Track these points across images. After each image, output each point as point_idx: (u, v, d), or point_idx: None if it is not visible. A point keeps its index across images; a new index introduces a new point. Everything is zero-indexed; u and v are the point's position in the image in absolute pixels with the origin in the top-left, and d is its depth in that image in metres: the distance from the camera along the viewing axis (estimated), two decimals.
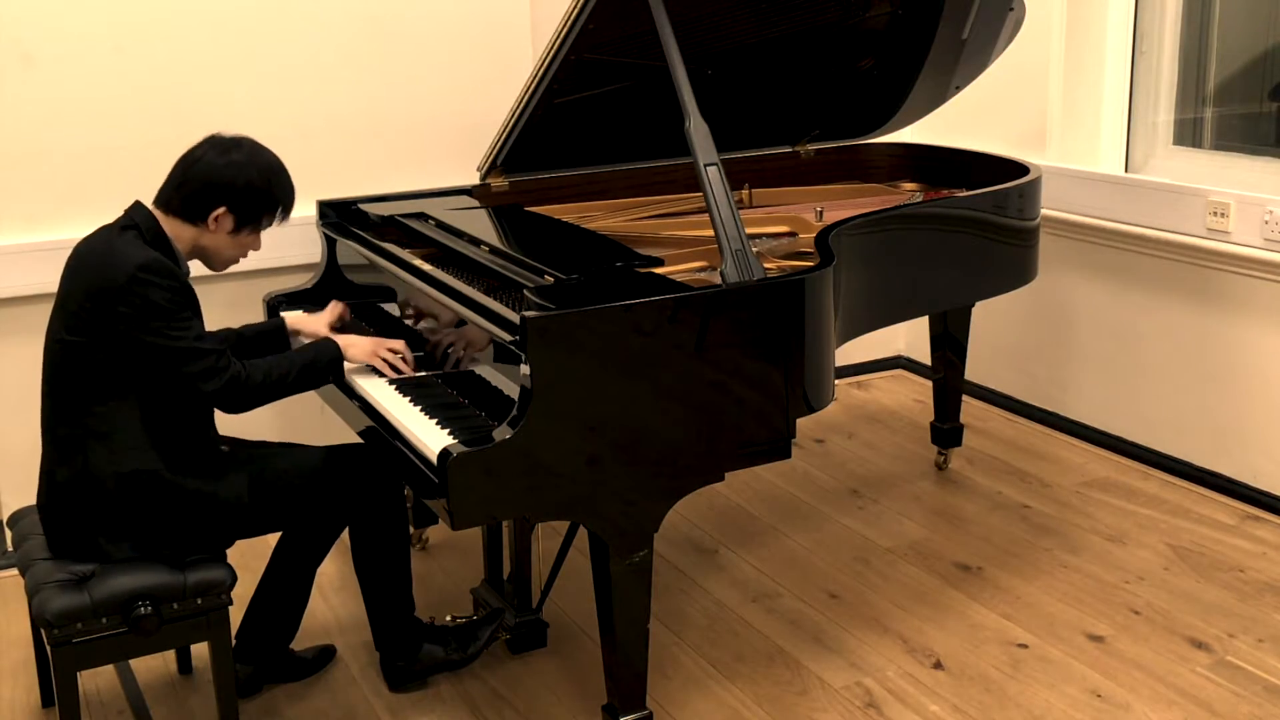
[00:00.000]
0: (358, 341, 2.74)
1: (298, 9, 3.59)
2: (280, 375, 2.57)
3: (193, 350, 2.44)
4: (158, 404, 2.48)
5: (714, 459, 2.54)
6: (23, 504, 2.80)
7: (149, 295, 2.40)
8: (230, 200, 2.54)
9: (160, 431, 2.49)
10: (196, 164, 2.54)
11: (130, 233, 2.49)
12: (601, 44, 3.03)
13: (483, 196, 3.42)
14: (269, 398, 2.56)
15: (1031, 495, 3.83)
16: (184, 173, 2.54)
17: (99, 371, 2.45)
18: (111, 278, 2.40)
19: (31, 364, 3.39)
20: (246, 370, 2.51)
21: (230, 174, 2.53)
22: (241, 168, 2.54)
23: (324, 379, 2.68)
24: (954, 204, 3.33)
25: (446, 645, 2.88)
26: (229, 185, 2.53)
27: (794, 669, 2.94)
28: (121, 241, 2.47)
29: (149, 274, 2.40)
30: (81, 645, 2.39)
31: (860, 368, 4.91)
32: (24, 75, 3.33)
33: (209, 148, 2.56)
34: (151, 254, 2.44)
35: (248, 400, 2.53)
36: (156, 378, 2.45)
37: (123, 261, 2.41)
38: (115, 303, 2.39)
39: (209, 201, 2.53)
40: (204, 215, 2.54)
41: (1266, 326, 3.60)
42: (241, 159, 2.55)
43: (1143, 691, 2.82)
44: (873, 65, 3.64)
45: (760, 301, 2.53)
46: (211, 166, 2.53)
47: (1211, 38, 4.04)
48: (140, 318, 2.40)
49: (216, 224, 2.55)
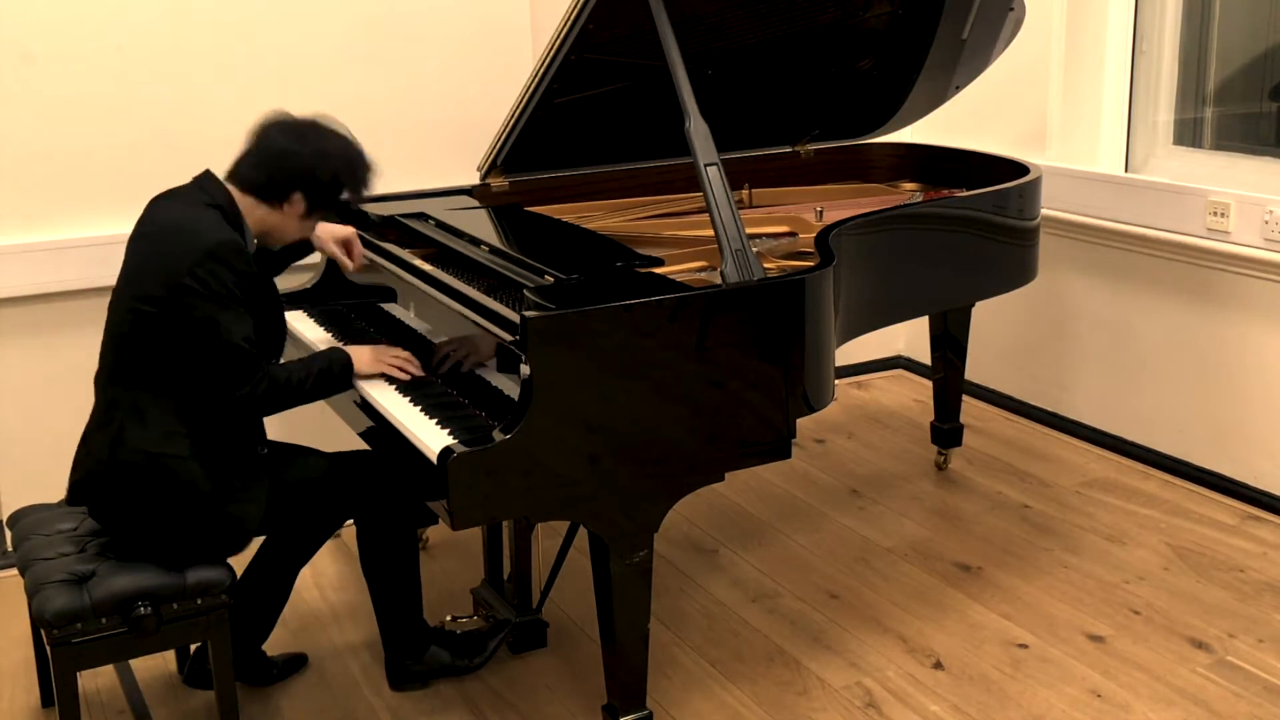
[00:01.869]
0: (361, 352, 2.70)
1: (298, 9, 3.58)
2: (298, 382, 2.55)
3: (235, 349, 2.43)
4: (202, 396, 2.47)
5: (714, 459, 2.54)
6: (23, 504, 2.79)
7: (218, 274, 2.40)
8: (309, 187, 2.55)
9: (198, 425, 2.48)
10: (282, 150, 2.53)
11: (215, 212, 2.49)
12: (601, 44, 3.03)
13: (483, 196, 3.42)
14: (285, 405, 2.55)
15: (1031, 495, 3.83)
16: (266, 156, 2.54)
17: (159, 348, 2.44)
18: (187, 250, 2.41)
19: (33, 364, 3.40)
20: (270, 377, 2.49)
21: (315, 163, 2.53)
22: (328, 158, 2.54)
23: (339, 387, 2.66)
24: (954, 204, 3.33)
25: (454, 650, 2.88)
26: (312, 174, 2.54)
27: (794, 669, 2.94)
28: (207, 218, 2.47)
29: (226, 253, 2.41)
30: (81, 645, 2.39)
31: (860, 368, 4.91)
32: (24, 75, 3.33)
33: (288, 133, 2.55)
34: (232, 235, 2.45)
35: (265, 407, 2.53)
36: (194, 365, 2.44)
37: (205, 234, 2.42)
38: (185, 274, 2.39)
39: (289, 187, 2.54)
40: (281, 198, 2.54)
41: (1266, 326, 3.60)
42: (327, 148, 2.55)
43: (1143, 691, 2.82)
44: (873, 65, 3.64)
45: (760, 301, 2.53)
46: (298, 155, 2.53)
47: (1211, 38, 4.04)
48: (206, 293, 2.39)
49: (290, 209, 2.56)
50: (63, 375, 3.33)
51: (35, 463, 2.92)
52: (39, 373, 3.40)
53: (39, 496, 2.74)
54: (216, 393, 2.46)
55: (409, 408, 2.59)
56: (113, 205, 3.42)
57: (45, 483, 2.59)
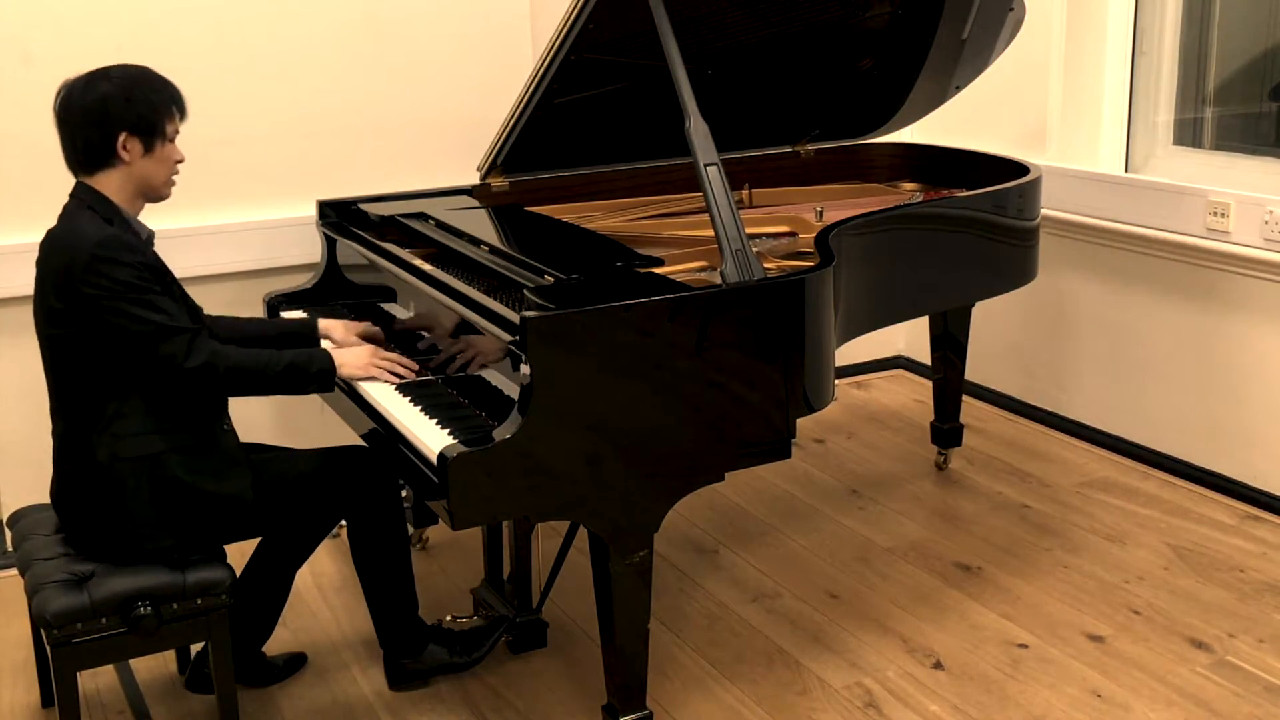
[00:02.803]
0: (353, 355, 2.69)
1: (298, 9, 3.58)
2: (263, 366, 2.52)
3: (163, 329, 2.40)
4: (159, 388, 2.46)
5: (714, 459, 2.54)
6: (23, 504, 2.80)
7: (112, 273, 2.37)
8: (125, 123, 2.45)
9: (165, 416, 2.47)
10: (69, 115, 2.47)
11: (87, 212, 2.45)
12: (601, 44, 3.03)
13: (483, 196, 3.42)
14: (249, 387, 2.53)
15: (1031, 495, 3.83)
16: (65, 129, 2.48)
17: (89, 361, 2.43)
18: (73, 260, 2.38)
19: (32, 363, 3.40)
20: (224, 351, 2.47)
21: (101, 104, 2.44)
22: (105, 95, 2.45)
23: (308, 386, 2.62)
24: (954, 204, 3.33)
25: (451, 648, 2.88)
26: (107, 114, 2.45)
27: (794, 669, 2.94)
28: (81, 221, 2.44)
29: (109, 250, 2.37)
30: (81, 645, 2.39)
31: (860, 368, 4.91)
32: (24, 75, 3.33)
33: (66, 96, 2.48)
34: (109, 231, 2.41)
35: (225, 383, 2.49)
36: (135, 361, 2.42)
37: (81, 242, 2.39)
38: (80, 285, 2.37)
39: (105, 139, 2.45)
40: (113, 153, 2.46)
41: (1266, 326, 3.60)
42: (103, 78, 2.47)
43: (1143, 691, 2.82)
44: (873, 65, 3.64)
45: (760, 301, 2.53)
46: (82, 109, 2.45)
47: (1211, 38, 4.04)
48: (107, 297, 2.37)
49: (128, 153, 2.47)
50: None
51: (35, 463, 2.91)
52: (39, 373, 3.39)
53: (39, 496, 2.74)
54: (165, 374, 2.43)
55: (409, 408, 2.59)
56: None
57: (45, 483, 2.59)
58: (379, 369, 2.69)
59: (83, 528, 2.50)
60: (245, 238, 3.61)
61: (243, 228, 3.60)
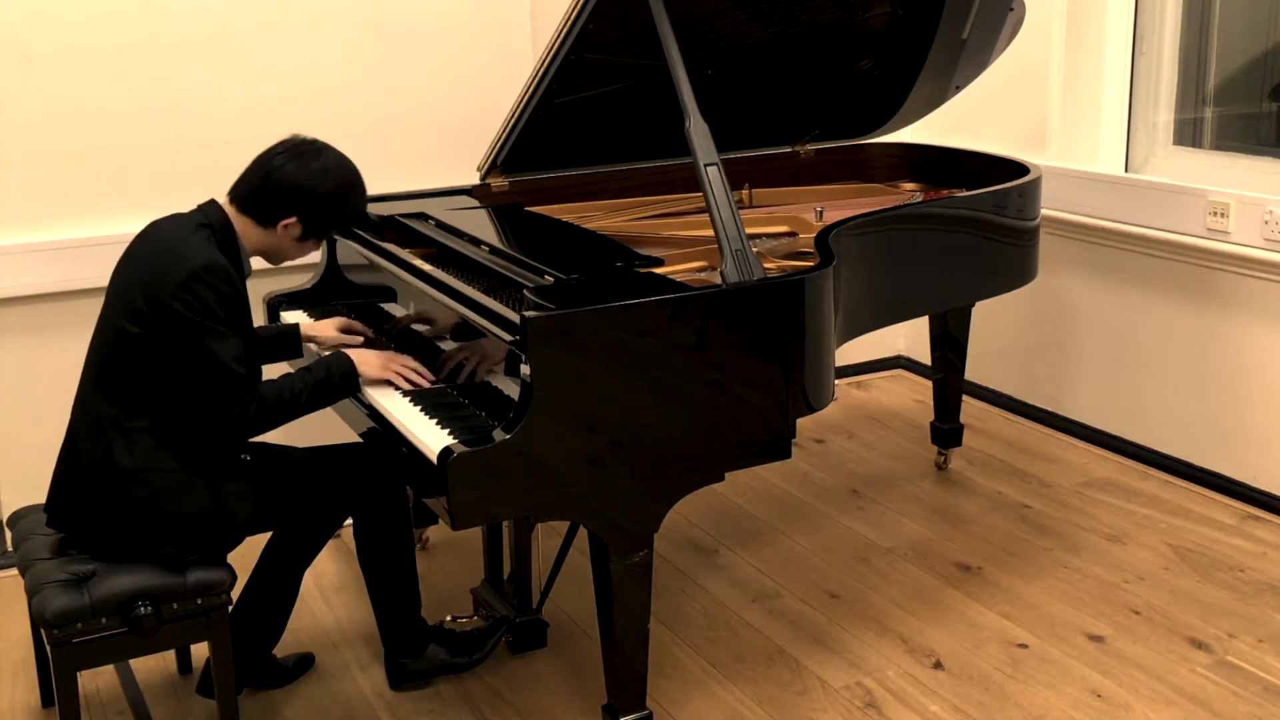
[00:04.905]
0: (368, 357, 2.68)
1: (298, 9, 3.59)
2: (293, 396, 2.53)
3: (224, 370, 2.41)
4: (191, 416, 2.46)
5: (714, 459, 2.54)
6: (23, 504, 2.80)
7: (202, 295, 2.39)
8: (303, 211, 2.54)
9: (187, 440, 2.47)
10: (277, 170, 2.53)
11: (204, 231, 2.49)
12: (601, 44, 3.03)
13: (483, 196, 3.42)
14: (283, 420, 2.53)
15: (1031, 495, 3.83)
16: (263, 177, 2.53)
17: (148, 367, 2.44)
18: (173, 272, 2.40)
19: (32, 364, 3.40)
20: (261, 397, 2.48)
21: (310, 186, 2.52)
22: (321, 181, 2.53)
23: (339, 395, 2.63)
24: (954, 204, 3.33)
25: (452, 648, 2.88)
26: (306, 197, 2.53)
27: (794, 669, 2.94)
28: (194, 239, 2.46)
29: (209, 275, 2.40)
30: (81, 645, 2.39)
31: (860, 368, 4.91)
32: (24, 75, 3.33)
33: (290, 155, 2.54)
34: (217, 258, 2.44)
35: (262, 427, 2.51)
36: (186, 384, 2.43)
37: (187, 258, 2.41)
38: (169, 297, 2.39)
39: (283, 210, 2.53)
40: (275, 221, 2.54)
41: (1266, 326, 3.60)
42: (323, 170, 2.54)
43: (1143, 691, 2.82)
44: (873, 65, 3.64)
45: (760, 301, 2.53)
46: (292, 176, 2.52)
47: (1211, 38, 4.04)
48: (191, 318, 2.39)
49: (285, 230, 2.55)
50: (63, 375, 3.30)
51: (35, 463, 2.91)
52: (39, 373, 3.40)
53: (39, 496, 2.73)
54: (207, 415, 2.45)
55: (409, 408, 2.59)
56: (113, 205, 3.43)
57: (45, 483, 2.59)
58: (394, 374, 2.67)
59: (79, 529, 2.50)
60: None
61: None
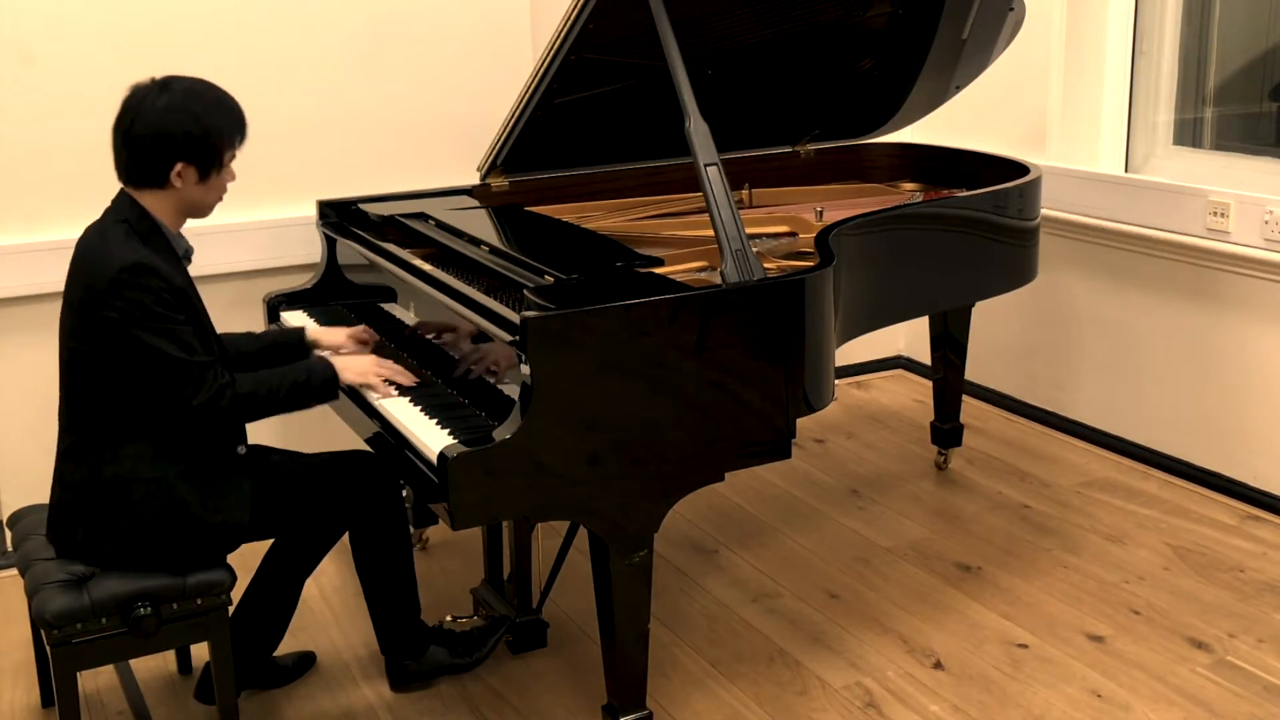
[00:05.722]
0: (354, 362, 2.67)
1: (297, 9, 3.59)
2: (269, 391, 2.49)
3: (175, 363, 2.36)
4: (171, 415, 2.43)
5: (714, 459, 2.54)
6: (23, 504, 2.80)
7: (134, 298, 2.32)
8: (181, 153, 2.40)
9: (177, 441, 2.45)
10: (133, 130, 2.39)
11: (122, 227, 2.40)
12: (601, 44, 3.03)
13: (483, 196, 3.42)
14: (257, 414, 2.50)
15: (1031, 495, 3.83)
16: (127, 144, 2.42)
17: (108, 378, 2.40)
18: (98, 280, 2.34)
19: (32, 364, 3.40)
20: (234, 385, 2.43)
21: (170, 128, 2.39)
22: (177, 116, 2.39)
23: (315, 399, 2.59)
24: (954, 204, 3.33)
25: (452, 649, 2.88)
26: (174, 140, 2.38)
27: (794, 669, 2.94)
28: (113, 238, 2.39)
29: (133, 276, 2.33)
30: (81, 646, 2.38)
31: (860, 368, 4.91)
32: (24, 75, 3.33)
33: (137, 108, 2.39)
34: (139, 254, 2.35)
35: (234, 416, 2.47)
36: (147, 387, 2.39)
37: (109, 262, 2.34)
38: (101, 307, 2.34)
39: (163, 163, 2.40)
40: (165, 178, 2.41)
41: (1266, 326, 3.60)
42: (170, 106, 2.38)
43: (1143, 691, 2.82)
44: (873, 65, 3.64)
45: (760, 301, 2.53)
46: (149, 126, 2.38)
47: (1211, 38, 4.04)
48: (126, 322, 2.33)
49: (181, 180, 2.43)
50: None
51: (35, 463, 2.91)
52: (39, 373, 3.40)
53: (39, 496, 2.73)
54: (174, 409, 2.40)
55: (409, 408, 2.59)
56: None
57: (45, 483, 2.59)
58: (375, 378, 2.65)
59: (80, 541, 2.47)
60: (245, 238, 3.60)
61: (242, 228, 3.60)
